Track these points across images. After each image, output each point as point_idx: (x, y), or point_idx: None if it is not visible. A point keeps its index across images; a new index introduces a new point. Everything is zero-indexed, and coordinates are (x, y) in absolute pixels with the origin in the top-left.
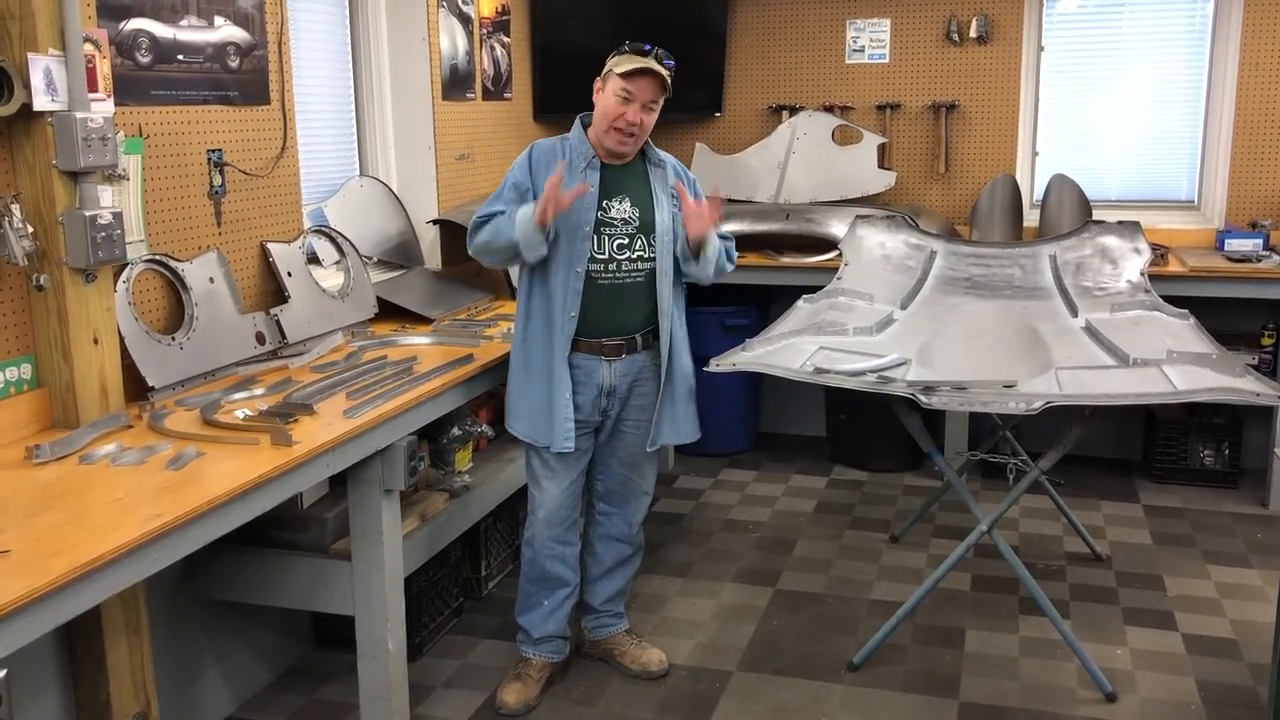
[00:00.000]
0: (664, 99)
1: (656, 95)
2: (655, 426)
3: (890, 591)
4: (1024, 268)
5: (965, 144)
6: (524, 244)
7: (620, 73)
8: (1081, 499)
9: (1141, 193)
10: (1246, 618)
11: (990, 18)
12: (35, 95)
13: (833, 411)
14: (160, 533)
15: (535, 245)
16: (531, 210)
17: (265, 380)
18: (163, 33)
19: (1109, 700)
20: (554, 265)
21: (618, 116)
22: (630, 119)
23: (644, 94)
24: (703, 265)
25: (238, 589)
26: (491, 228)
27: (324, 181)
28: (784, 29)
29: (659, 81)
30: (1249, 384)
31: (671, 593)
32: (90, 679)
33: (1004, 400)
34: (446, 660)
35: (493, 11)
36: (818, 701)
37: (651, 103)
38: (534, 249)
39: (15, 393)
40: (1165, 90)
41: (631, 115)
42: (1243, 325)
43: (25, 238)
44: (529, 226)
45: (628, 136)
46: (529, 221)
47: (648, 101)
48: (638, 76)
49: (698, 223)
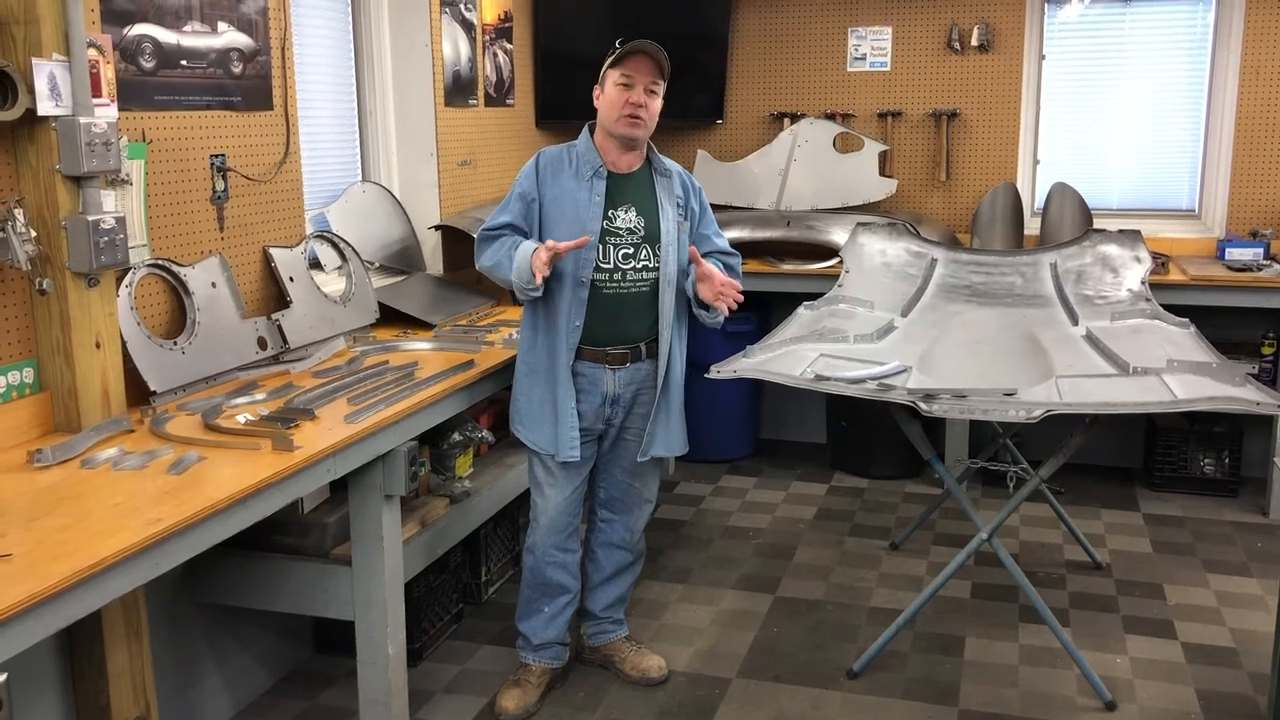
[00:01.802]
0: (664, 86)
1: (655, 77)
2: (649, 437)
3: (890, 599)
4: (1025, 276)
5: (966, 152)
6: (518, 287)
7: (613, 62)
8: (1082, 507)
9: (1142, 201)
10: (1247, 627)
11: (992, 26)
12: (39, 100)
13: (833, 418)
14: (161, 537)
15: (529, 291)
16: (528, 259)
17: (267, 385)
18: (166, 38)
19: (1108, 709)
20: (560, 274)
21: (624, 103)
22: (634, 100)
23: (642, 76)
24: (714, 315)
25: (238, 593)
26: (493, 253)
27: (326, 187)
28: (786, 36)
29: (654, 63)
30: (1249, 393)
31: (671, 599)
32: (90, 683)
33: (1004, 408)
34: (446, 666)
35: (495, 18)
36: (817, 708)
37: (652, 84)
38: (528, 293)
39: (17, 397)
40: (1166, 99)
41: (635, 97)
42: (1243, 334)
43: (28, 242)
44: (525, 273)
45: (635, 120)
46: (525, 270)
47: (648, 84)
48: (631, 58)
49: (708, 290)
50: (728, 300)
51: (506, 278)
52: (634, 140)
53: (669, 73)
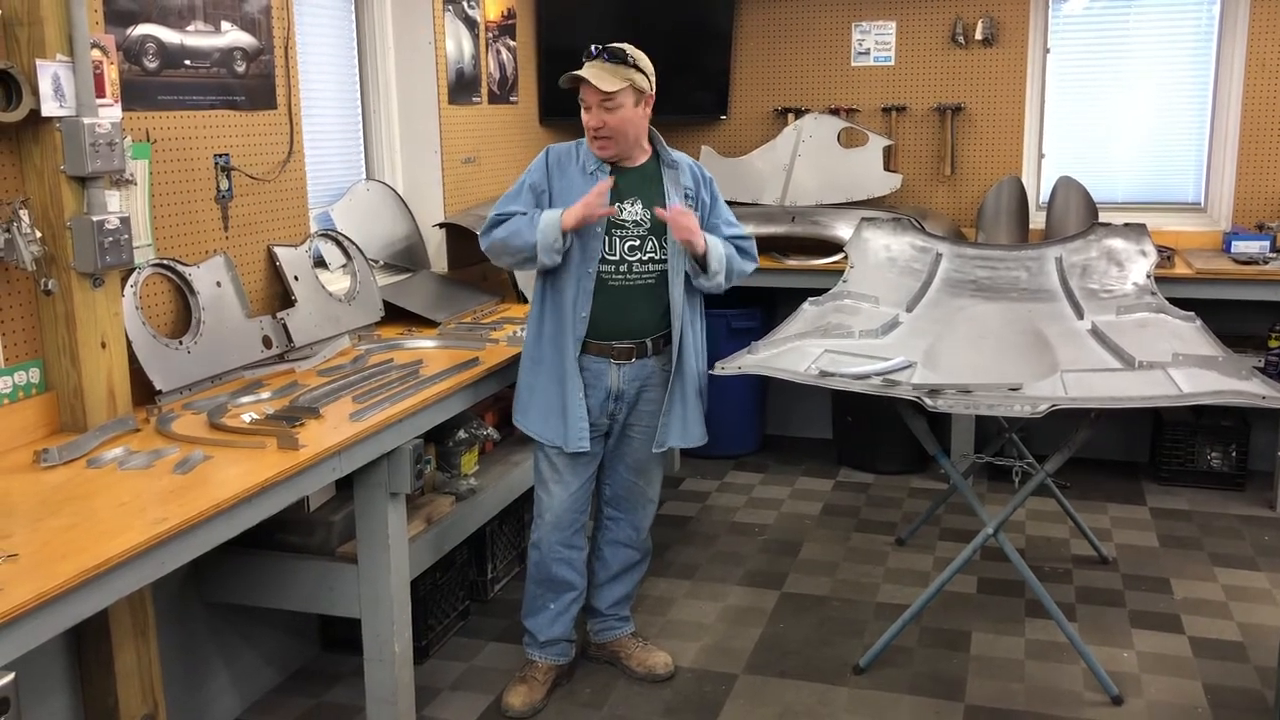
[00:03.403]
0: (623, 85)
1: (604, 93)
2: (663, 428)
3: (896, 594)
4: (1030, 270)
5: (971, 146)
6: (543, 246)
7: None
8: (1088, 501)
9: (1148, 195)
10: (1254, 621)
11: (996, 20)
12: (43, 101)
13: (839, 414)
14: (167, 536)
15: (554, 250)
16: (558, 215)
17: (272, 384)
18: (170, 38)
19: (1115, 703)
20: (566, 266)
21: (587, 126)
22: (592, 124)
23: (590, 96)
24: (711, 275)
25: (244, 592)
26: (509, 226)
27: (330, 185)
28: (789, 32)
29: (593, 84)
30: (1255, 386)
31: (678, 595)
32: (98, 682)
33: (1009, 403)
34: (452, 663)
35: (499, 15)
36: (824, 704)
37: (604, 101)
38: (551, 253)
39: (24, 397)
40: (1171, 92)
41: (592, 120)
42: (1249, 327)
43: (33, 243)
44: (554, 229)
45: (597, 140)
46: (555, 225)
47: (599, 102)
48: (578, 83)
49: (675, 231)
50: (689, 230)
51: (527, 241)
52: (607, 158)
53: (625, 78)
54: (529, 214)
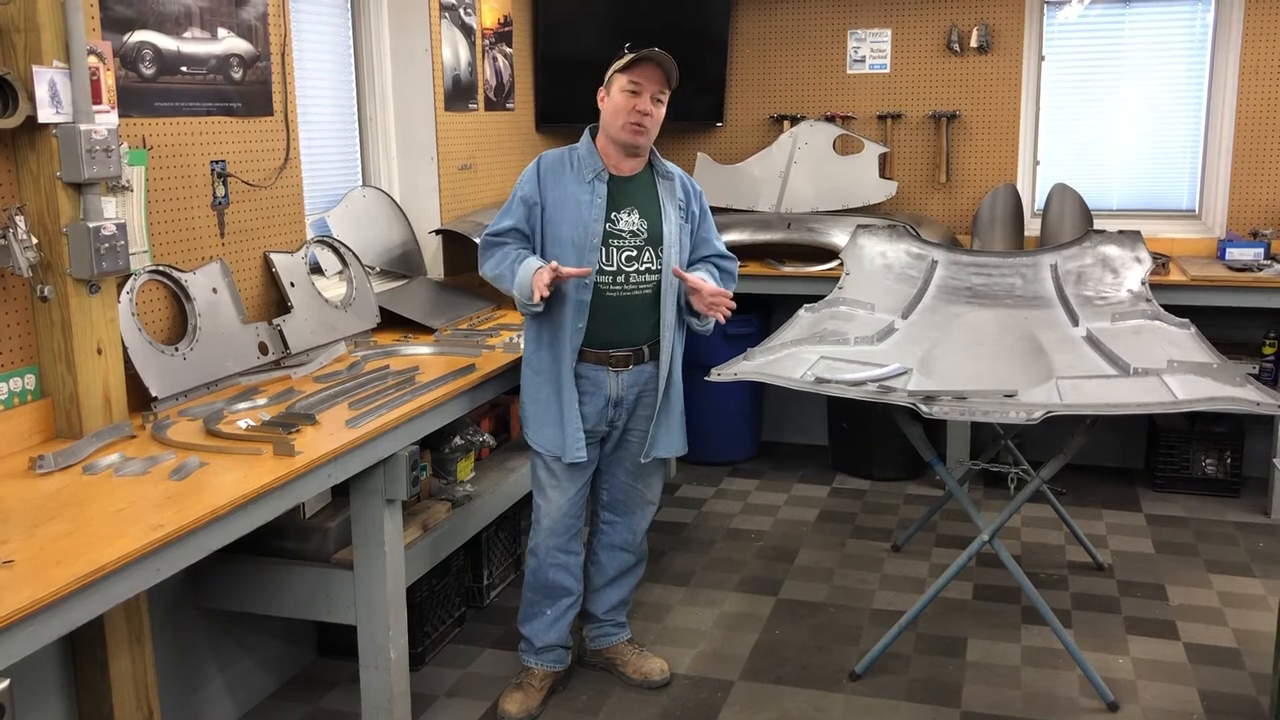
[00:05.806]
0: (669, 94)
1: (663, 85)
2: (651, 440)
3: (892, 600)
4: (1025, 277)
5: (966, 154)
6: (519, 304)
7: (622, 67)
8: (1083, 508)
9: (1142, 202)
10: (1249, 627)
11: (991, 27)
12: (40, 107)
13: (834, 421)
14: (163, 543)
15: (529, 308)
16: (530, 278)
17: (268, 390)
18: (166, 45)
19: (1111, 710)
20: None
21: (629, 110)
22: (640, 109)
23: (650, 84)
24: (703, 320)
25: (240, 598)
26: (497, 263)
27: (327, 192)
28: (785, 39)
29: (662, 72)
30: (1250, 393)
31: (674, 602)
32: (93, 689)
33: (1005, 410)
34: (449, 669)
35: (495, 22)
36: (820, 711)
37: (659, 93)
38: (528, 309)
39: (19, 403)
40: (1166, 99)
41: (641, 105)
42: (1244, 334)
43: (29, 249)
44: (526, 290)
45: (639, 128)
46: (527, 286)
47: (655, 92)
48: (641, 64)
49: (700, 302)
50: (720, 310)
51: (508, 289)
52: (636, 148)
53: (677, 81)
54: (513, 256)
